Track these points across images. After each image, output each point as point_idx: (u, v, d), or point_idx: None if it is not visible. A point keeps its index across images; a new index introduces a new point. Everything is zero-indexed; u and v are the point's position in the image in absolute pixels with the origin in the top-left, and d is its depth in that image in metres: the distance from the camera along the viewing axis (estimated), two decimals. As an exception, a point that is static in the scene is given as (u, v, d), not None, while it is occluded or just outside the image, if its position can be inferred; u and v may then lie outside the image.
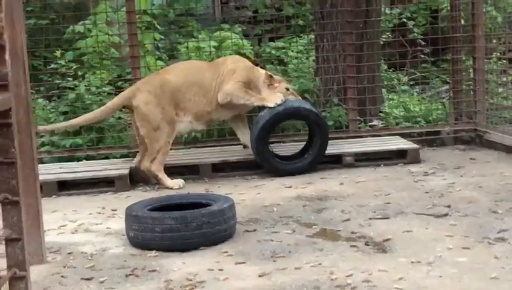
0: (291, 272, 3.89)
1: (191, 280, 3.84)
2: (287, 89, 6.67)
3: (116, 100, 6.54)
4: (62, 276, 4.04)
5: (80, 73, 8.48)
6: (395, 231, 4.57)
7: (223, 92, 6.44)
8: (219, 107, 6.50)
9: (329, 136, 6.76)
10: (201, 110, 6.48)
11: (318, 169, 6.66)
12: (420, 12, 10.56)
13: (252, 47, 9.42)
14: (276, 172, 6.51)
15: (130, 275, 4.00)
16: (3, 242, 2.09)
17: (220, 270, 3.99)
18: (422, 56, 9.41)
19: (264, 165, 6.55)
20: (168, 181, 6.21)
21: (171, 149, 6.55)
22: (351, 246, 4.33)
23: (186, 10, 9.89)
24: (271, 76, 6.65)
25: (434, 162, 6.81)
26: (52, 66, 8.66)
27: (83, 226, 5.14)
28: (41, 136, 7.43)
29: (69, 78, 8.33)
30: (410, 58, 9.53)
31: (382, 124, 8.07)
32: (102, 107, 6.63)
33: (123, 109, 6.90)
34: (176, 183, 6.20)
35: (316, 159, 6.64)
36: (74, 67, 8.54)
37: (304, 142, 6.88)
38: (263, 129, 6.43)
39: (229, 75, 6.50)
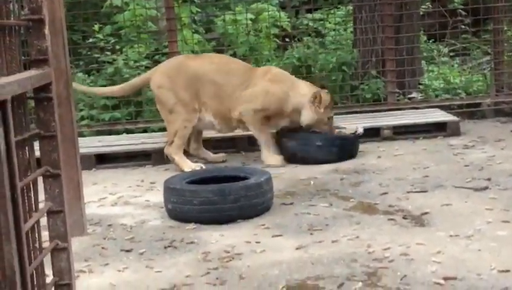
0: (328, 245, 3.89)
1: (228, 252, 3.88)
2: (328, 119, 6.11)
3: (136, 80, 6.45)
4: (102, 247, 4.12)
5: (117, 47, 8.54)
6: (434, 205, 4.53)
7: (241, 110, 5.94)
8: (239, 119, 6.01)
9: (369, 108, 6.61)
10: (222, 114, 6.00)
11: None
12: (461, -18, 10.33)
13: (288, 19, 9.35)
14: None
15: (169, 246, 4.06)
16: (46, 214, 2.13)
17: (257, 242, 4.01)
18: (463, 26, 9.22)
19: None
20: (185, 164, 5.85)
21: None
22: (388, 219, 4.31)
23: (222, -17, 9.83)
24: (319, 98, 5.97)
25: (474, 134, 6.70)
26: (91, 40, 8.74)
27: (122, 199, 5.22)
28: (81, 110, 7.53)
29: (108, 52, 8.40)
30: (450, 29, 9.35)
31: (421, 96, 7.97)
32: (123, 84, 6.56)
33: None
34: (192, 166, 5.80)
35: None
36: (112, 41, 8.61)
37: None
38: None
39: (253, 94, 5.95)
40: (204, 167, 5.76)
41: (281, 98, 6.00)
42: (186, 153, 6.16)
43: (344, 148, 6.04)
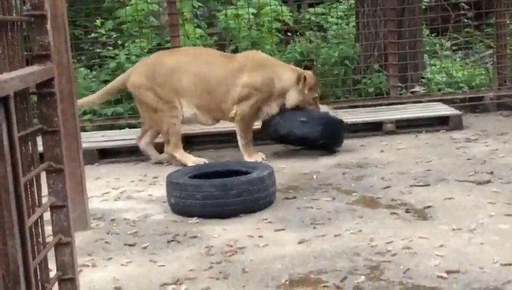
0: (330, 239, 3.90)
1: (231, 246, 3.88)
2: (314, 99, 6.05)
3: (113, 84, 6.33)
4: (106, 242, 4.13)
5: (119, 42, 8.54)
6: (436, 198, 4.53)
7: (236, 112, 5.86)
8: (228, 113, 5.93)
9: (371, 103, 6.59)
10: (204, 105, 5.93)
11: (358, 136, 6.62)
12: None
13: (291, 13, 9.34)
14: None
15: (172, 241, 4.07)
16: (49, 209, 2.14)
17: (259, 237, 4.02)
18: (466, 20, 9.20)
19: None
20: (188, 159, 5.81)
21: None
22: (391, 213, 4.32)
23: (224, -23, 9.83)
24: (304, 80, 5.88)
25: (477, 128, 6.70)
26: (93, 35, 8.73)
27: (125, 193, 5.23)
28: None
29: (110, 47, 8.40)
30: (452, 23, 9.32)
31: (424, 90, 7.96)
32: (100, 90, 6.44)
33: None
34: (196, 161, 5.77)
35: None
36: (114, 36, 8.60)
37: None
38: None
39: (244, 91, 5.84)
40: (207, 162, 5.75)
41: (268, 85, 5.91)
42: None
43: (329, 128, 5.94)
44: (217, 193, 4.41)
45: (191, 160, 5.81)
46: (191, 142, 6.64)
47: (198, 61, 5.98)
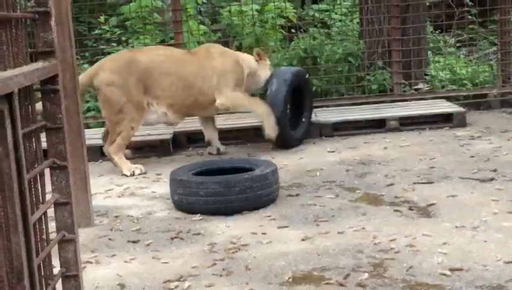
0: (334, 236, 3.90)
1: (234, 243, 3.89)
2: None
3: (80, 79, 6.08)
4: (109, 239, 4.13)
5: (123, 38, 8.54)
6: (440, 196, 4.53)
7: (225, 98, 5.96)
8: (210, 107, 6.03)
9: (374, 100, 6.64)
10: (179, 103, 5.94)
11: (362, 133, 6.62)
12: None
13: (295, 10, 9.32)
14: (285, 142, 6.23)
15: (175, 238, 4.07)
16: (53, 206, 2.14)
17: (263, 234, 4.02)
18: (470, 17, 9.18)
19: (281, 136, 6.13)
20: (124, 166, 5.70)
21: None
22: (394, 210, 4.31)
23: (228, -27, 9.81)
24: (259, 53, 6.30)
25: (480, 125, 6.69)
26: (97, 31, 8.73)
27: (128, 190, 5.23)
28: (87, 102, 7.54)
29: (113, 44, 8.40)
30: (456, 20, 9.30)
31: (427, 87, 7.94)
32: None
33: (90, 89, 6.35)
34: (131, 168, 5.68)
35: (309, 125, 6.57)
36: (118, 32, 8.61)
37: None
38: (288, 91, 6.18)
39: (222, 78, 6.00)
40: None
41: (239, 65, 6.15)
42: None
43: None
44: (221, 190, 4.41)
45: (128, 167, 5.70)
46: (193, 140, 6.64)
47: (171, 61, 5.98)
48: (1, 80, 1.65)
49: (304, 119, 6.54)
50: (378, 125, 6.76)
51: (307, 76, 6.56)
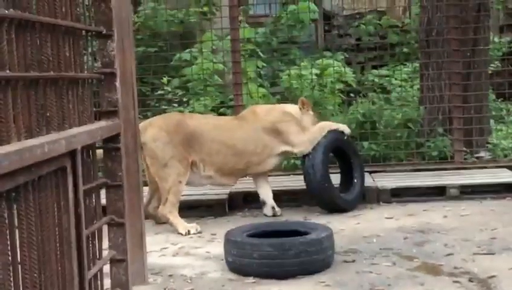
0: (390, 306, 3.78)
1: (287, 308, 3.82)
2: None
3: None
4: (162, 297, 4.12)
5: (184, 99, 8.72)
6: (501, 268, 4.37)
7: (302, 147, 6.16)
8: (264, 163, 6.17)
9: (434, 167, 6.53)
10: (229, 167, 6.08)
11: (421, 201, 6.49)
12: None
13: (354, 74, 9.36)
14: (334, 205, 6.19)
15: (228, 300, 4.03)
16: (108, 262, 2.16)
17: (317, 300, 3.94)
18: (533, 86, 9.01)
19: (324, 197, 6.17)
20: (180, 225, 5.74)
21: (270, 175, 6.56)
22: (453, 281, 4.17)
23: (289, 38, 9.98)
24: (303, 102, 6.44)
25: (545, 196, 6.47)
26: (159, 92, 8.95)
27: (183, 249, 5.24)
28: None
29: (175, 104, 8.58)
30: (520, 88, 9.14)
31: (489, 155, 7.78)
32: None
33: None
34: (187, 227, 5.71)
35: (362, 189, 6.48)
36: (179, 93, 8.80)
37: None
38: (325, 154, 6.19)
39: (286, 128, 6.20)
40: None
41: (288, 114, 6.35)
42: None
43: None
44: (275, 252, 4.37)
45: (184, 226, 5.72)
46: (248, 201, 6.64)
47: (220, 129, 6.13)
48: (66, 138, 1.70)
49: (355, 180, 6.46)
50: (438, 193, 6.62)
51: (346, 137, 6.49)
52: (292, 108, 6.46)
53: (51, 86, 1.77)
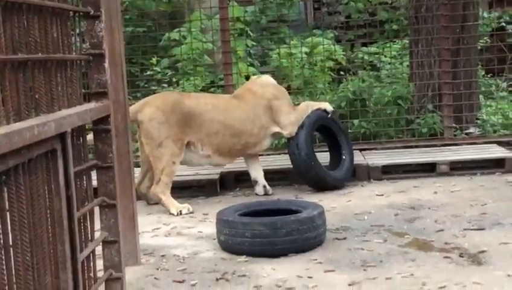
0: (381, 282, 3.82)
1: (280, 286, 3.85)
2: None
3: None
4: (155, 278, 4.14)
5: (174, 79, 8.69)
6: (491, 243, 4.41)
7: (290, 128, 6.20)
8: (259, 144, 6.22)
9: (424, 143, 6.57)
10: (227, 148, 6.09)
11: (411, 177, 6.53)
12: (520, 16, 10.16)
13: (344, 52, 9.35)
14: (323, 183, 6.20)
15: (221, 279, 4.06)
16: (101, 244, 2.16)
17: (309, 277, 3.97)
18: (522, 61, 9.04)
19: (311, 175, 6.17)
20: (171, 205, 5.74)
21: (261, 155, 6.58)
22: (444, 257, 4.21)
23: (278, 17, 9.94)
24: None
25: (534, 171, 6.52)
26: (149, 72, 8.92)
27: (175, 230, 5.26)
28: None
29: (164, 84, 8.55)
30: (509, 64, 9.17)
31: (479, 131, 7.82)
32: None
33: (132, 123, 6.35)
34: (179, 208, 5.71)
35: (351, 166, 6.49)
36: (169, 73, 8.77)
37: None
38: (308, 133, 6.23)
39: (276, 111, 6.23)
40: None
41: (280, 90, 6.53)
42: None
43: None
44: (267, 231, 4.39)
45: (175, 207, 5.73)
46: (240, 180, 6.66)
47: (219, 109, 6.08)
48: (55, 120, 1.69)
49: (344, 157, 6.48)
50: (428, 169, 6.66)
51: (329, 115, 6.47)
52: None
53: (39, 68, 1.76)
